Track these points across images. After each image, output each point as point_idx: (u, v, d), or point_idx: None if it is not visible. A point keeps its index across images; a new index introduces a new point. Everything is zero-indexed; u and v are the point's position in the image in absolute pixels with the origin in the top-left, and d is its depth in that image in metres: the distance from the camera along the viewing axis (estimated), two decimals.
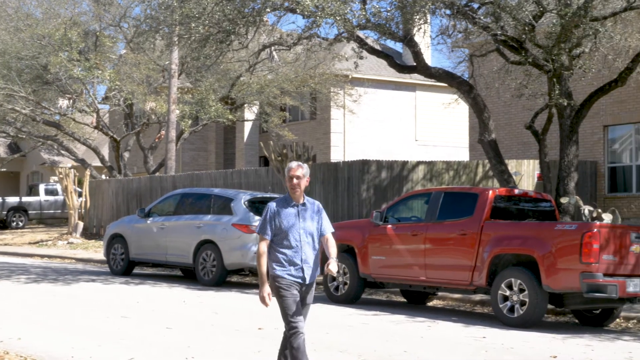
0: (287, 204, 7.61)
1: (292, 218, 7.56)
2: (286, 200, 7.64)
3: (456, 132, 38.82)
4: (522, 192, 15.18)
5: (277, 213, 7.55)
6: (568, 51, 17.40)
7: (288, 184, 7.57)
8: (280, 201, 7.65)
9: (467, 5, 17.95)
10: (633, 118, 23.67)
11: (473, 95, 19.13)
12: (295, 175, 7.56)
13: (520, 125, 23.40)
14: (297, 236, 7.56)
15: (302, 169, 7.61)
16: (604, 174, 24.30)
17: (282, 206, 7.60)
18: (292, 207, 7.58)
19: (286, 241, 7.55)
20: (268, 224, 7.56)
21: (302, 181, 7.57)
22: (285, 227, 7.53)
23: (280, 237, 7.55)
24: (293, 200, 7.61)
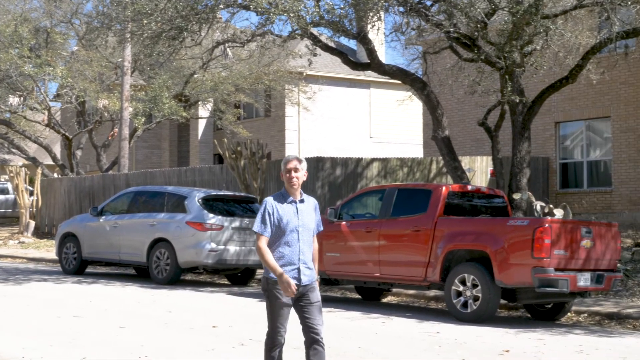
0: (285, 199, 7.09)
1: (291, 215, 7.05)
2: (283, 196, 7.12)
3: (410, 129, 38.98)
4: (475, 188, 15.27)
5: (275, 210, 7.04)
6: (520, 48, 17.55)
7: (285, 178, 7.07)
8: (277, 197, 7.14)
9: (420, 3, 18.03)
10: (584, 115, 23.97)
11: (426, 92, 19.22)
12: (293, 169, 7.06)
13: (474, 122, 23.58)
14: (295, 234, 7.05)
15: (300, 162, 7.12)
16: (555, 170, 24.58)
17: (279, 202, 7.08)
18: (290, 204, 7.08)
19: (284, 240, 7.03)
20: (267, 221, 7.02)
21: (300, 175, 7.07)
22: (283, 225, 7.02)
23: (277, 236, 7.04)
24: (290, 195, 7.10)
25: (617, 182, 23.06)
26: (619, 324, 13.44)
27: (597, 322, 13.77)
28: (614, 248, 13.42)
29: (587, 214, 22.53)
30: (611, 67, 22.07)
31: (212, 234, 18.10)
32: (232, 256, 18.31)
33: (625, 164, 22.90)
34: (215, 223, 18.21)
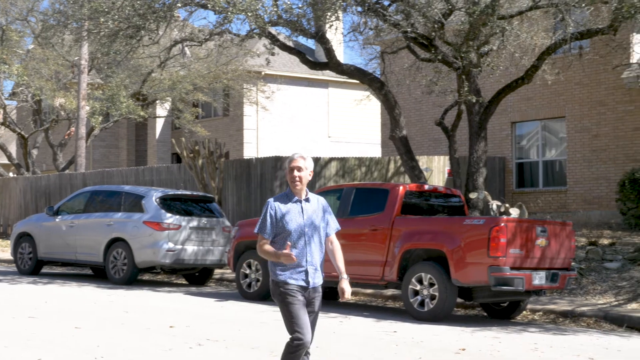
0: (289, 199, 6.77)
1: (295, 215, 6.72)
2: (287, 195, 6.80)
3: (369, 129, 39.12)
4: (432, 187, 15.37)
5: (278, 210, 6.71)
6: (476, 49, 17.71)
7: (288, 177, 6.76)
8: (280, 197, 6.82)
9: (378, 3, 18.10)
10: (539, 115, 24.23)
11: (384, 92, 19.31)
12: (297, 167, 6.72)
13: (431, 121, 23.71)
14: (301, 236, 6.71)
15: (304, 160, 6.77)
16: (512, 170, 24.81)
17: (283, 202, 6.76)
18: (295, 203, 6.75)
19: (289, 241, 6.66)
20: (268, 223, 6.71)
21: (305, 174, 6.72)
22: (287, 226, 6.69)
23: (282, 237, 6.69)
24: (295, 195, 6.77)
25: (571, 182, 23.34)
26: (573, 322, 13.61)
27: (552, 320, 13.94)
28: (569, 247, 13.59)
29: (542, 213, 22.78)
30: (566, 67, 22.34)
31: (170, 234, 18.02)
32: (190, 256, 18.24)
33: (579, 163, 23.18)
34: (173, 223, 18.14)
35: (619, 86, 22.17)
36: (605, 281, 15.65)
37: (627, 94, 22.08)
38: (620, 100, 22.34)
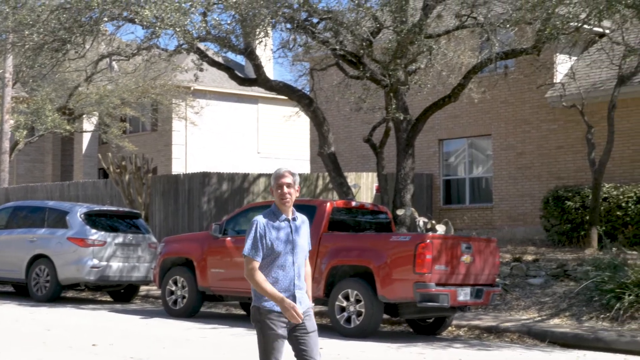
0: (276, 218, 6.22)
1: (284, 235, 6.21)
2: (274, 214, 6.25)
3: (298, 145, 39.16)
4: (359, 204, 15.42)
5: (267, 230, 6.15)
6: (404, 67, 17.88)
7: (276, 194, 6.24)
8: (268, 215, 6.25)
9: (307, 20, 18.16)
10: (466, 132, 24.54)
11: (313, 108, 19.36)
12: (285, 183, 6.23)
13: (360, 138, 23.83)
14: (290, 257, 6.22)
15: (293, 175, 6.30)
16: (439, 186, 25.06)
17: (271, 221, 6.20)
18: (283, 222, 6.22)
19: (278, 263, 6.18)
20: (259, 244, 6.13)
21: (293, 190, 6.25)
22: (277, 247, 6.16)
23: (269, 259, 6.17)
24: (282, 213, 6.24)
25: (497, 199, 23.67)
26: (497, 337, 13.76)
27: (477, 335, 14.07)
28: (493, 263, 13.76)
29: (468, 229, 23.04)
30: (492, 86, 22.70)
31: (95, 250, 17.75)
32: (115, 272, 17.99)
33: (505, 180, 23.53)
34: (98, 239, 17.87)
35: (543, 105, 22.59)
36: (529, 297, 15.88)
37: (551, 112, 22.51)
38: (544, 119, 22.76)
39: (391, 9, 16.97)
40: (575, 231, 20.05)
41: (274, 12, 16.89)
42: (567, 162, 22.23)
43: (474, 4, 17.87)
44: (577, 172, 21.84)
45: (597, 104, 20.92)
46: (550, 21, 16.58)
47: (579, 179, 21.53)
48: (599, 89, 21.13)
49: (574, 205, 20.05)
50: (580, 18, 17.10)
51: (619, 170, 20.86)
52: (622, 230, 19.21)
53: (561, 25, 16.83)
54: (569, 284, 15.93)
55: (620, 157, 20.74)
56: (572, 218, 20.11)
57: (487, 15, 17.66)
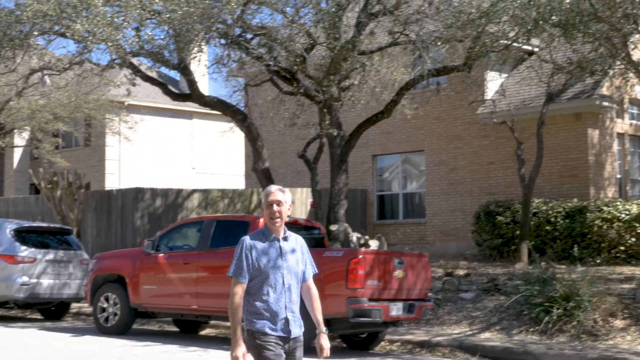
0: (266, 238, 5.98)
1: (274, 255, 5.96)
2: (263, 233, 6.01)
3: (233, 160, 39.05)
4: (293, 219, 15.42)
5: (254, 250, 5.92)
6: (337, 83, 18.01)
7: (266, 213, 5.98)
8: (257, 235, 6.02)
9: (241, 36, 18.20)
10: (399, 148, 24.77)
11: (247, 124, 19.37)
12: (275, 201, 5.96)
13: (294, 154, 23.88)
14: (280, 279, 5.94)
15: (283, 193, 6.03)
16: (373, 202, 25.23)
17: (260, 241, 5.96)
18: (273, 242, 5.97)
19: (267, 286, 5.92)
20: (244, 264, 5.91)
21: (284, 209, 5.98)
22: (265, 268, 5.91)
23: (258, 281, 5.93)
24: (272, 233, 5.99)
25: (430, 214, 23.92)
26: (430, 351, 13.89)
27: (409, 350, 14.18)
28: (425, 278, 13.89)
29: (402, 244, 23.22)
30: (424, 102, 22.97)
31: (24, 267, 17.46)
32: (46, 290, 17.71)
33: (437, 196, 23.80)
34: (28, 256, 17.59)
35: (474, 121, 22.92)
36: (461, 311, 16.07)
37: (482, 129, 22.85)
38: (476, 135, 23.10)
39: (324, 26, 17.10)
40: (506, 246, 20.36)
41: (208, 28, 16.90)
42: (498, 178, 22.58)
43: (406, 22, 18.12)
44: (507, 188, 22.20)
45: (527, 120, 21.31)
46: (480, 39, 16.89)
47: (510, 194, 21.87)
48: (529, 106, 21.53)
49: (505, 220, 20.36)
50: (509, 36, 17.44)
51: (548, 185, 21.26)
52: (551, 245, 19.56)
53: (491, 43, 17.17)
54: (499, 298, 16.16)
55: (549, 172, 21.14)
56: (503, 233, 20.42)
57: (419, 32, 17.93)
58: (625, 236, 19.24)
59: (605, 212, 19.28)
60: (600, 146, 21.35)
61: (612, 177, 21.56)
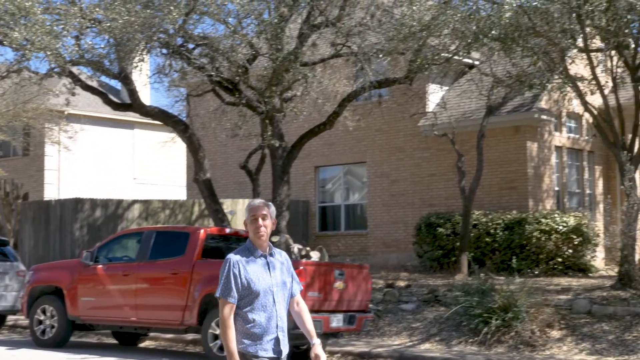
0: (251, 254, 5.72)
1: (262, 273, 5.70)
2: (249, 250, 5.75)
3: (174, 171, 38.79)
4: (234, 231, 15.40)
5: (242, 268, 5.63)
6: (280, 94, 17.99)
7: (250, 228, 5.73)
8: (242, 252, 5.74)
9: (183, 46, 18.09)
10: (342, 159, 24.84)
11: (188, 134, 19.25)
12: (260, 215, 5.71)
13: (236, 164, 23.78)
14: (270, 296, 5.70)
15: (268, 207, 5.78)
16: (315, 213, 25.25)
17: (246, 258, 5.69)
18: (260, 259, 5.72)
19: (256, 304, 5.65)
20: (233, 284, 5.61)
21: (269, 223, 5.74)
22: (254, 286, 5.64)
23: (248, 300, 5.65)
24: (258, 249, 5.74)
25: (372, 225, 24.01)
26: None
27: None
28: (365, 289, 13.93)
29: (343, 256, 23.26)
30: (367, 114, 23.07)
31: None
32: None
33: (379, 207, 23.90)
34: None
35: (416, 133, 23.09)
36: (401, 322, 16.13)
37: (424, 141, 23.02)
38: (417, 147, 23.26)
39: (267, 37, 17.09)
40: (446, 257, 20.53)
41: (149, 37, 16.78)
42: (439, 190, 22.76)
43: (349, 34, 18.21)
44: (448, 200, 22.38)
45: (468, 133, 21.52)
46: (421, 52, 17.05)
47: (450, 206, 22.06)
48: (469, 119, 21.76)
49: (446, 231, 20.53)
50: (450, 49, 17.62)
51: (488, 197, 21.49)
52: (490, 256, 19.77)
53: (432, 56, 17.34)
54: (439, 309, 16.27)
55: (489, 185, 21.37)
56: (443, 244, 20.59)
57: (361, 44, 18.02)
58: (562, 248, 19.54)
59: (543, 224, 19.56)
60: (538, 159, 21.65)
61: (550, 189, 21.88)
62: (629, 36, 16.82)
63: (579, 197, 23.20)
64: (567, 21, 16.15)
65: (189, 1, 16.28)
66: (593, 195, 23.50)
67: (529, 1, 15.41)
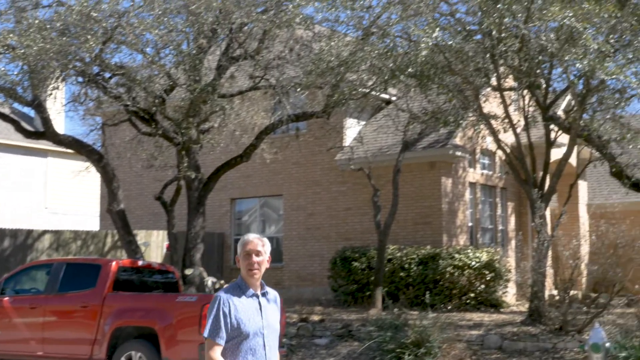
0: (243, 293, 5.41)
1: (253, 313, 5.40)
2: (240, 288, 5.45)
3: (88, 201, 38.14)
4: (146, 263, 15.17)
5: (232, 307, 5.33)
6: (197, 125, 17.89)
7: (243, 264, 5.47)
8: (232, 290, 5.43)
9: (99, 75, 17.86)
10: (258, 192, 24.77)
11: (103, 164, 18.96)
12: (254, 251, 5.47)
13: (151, 195, 23.48)
14: (260, 339, 5.37)
15: (262, 242, 5.53)
16: (230, 246, 25.08)
17: (237, 296, 5.39)
18: (251, 298, 5.43)
19: (246, 346, 5.32)
20: (222, 323, 5.29)
21: (263, 259, 5.50)
22: (244, 328, 5.32)
23: (236, 342, 5.32)
24: (250, 287, 5.45)
25: (287, 259, 23.95)
26: None
27: None
28: (282, 324, 13.81)
29: None
30: (284, 147, 23.10)
31: None
32: None
33: (295, 241, 23.87)
34: None
35: (333, 167, 23.19)
36: (314, 357, 16.05)
37: (340, 175, 23.13)
38: (334, 180, 23.35)
39: (185, 68, 16.99)
40: (361, 291, 20.57)
41: (65, 65, 16.51)
42: (354, 224, 22.85)
43: (267, 67, 18.25)
44: (364, 234, 22.48)
45: (384, 167, 21.71)
46: (339, 87, 17.18)
47: (366, 240, 22.16)
48: (385, 154, 21.95)
49: (361, 266, 20.59)
50: (367, 85, 17.80)
51: (403, 232, 21.66)
52: (404, 291, 19.88)
53: (350, 91, 17.48)
54: (353, 344, 16.25)
55: (404, 219, 21.55)
56: (358, 278, 20.64)
57: (279, 78, 18.07)
58: (475, 283, 19.78)
59: (456, 259, 19.79)
60: (453, 194, 21.94)
61: (464, 225, 22.17)
62: (540, 76, 17.25)
63: (492, 232, 23.58)
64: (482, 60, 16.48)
65: (107, 30, 16.10)
66: (505, 231, 23.92)
67: (445, 40, 15.68)
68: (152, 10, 15.87)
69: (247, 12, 16.44)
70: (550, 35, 15.12)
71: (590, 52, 13.94)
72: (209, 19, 16.42)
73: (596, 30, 14.67)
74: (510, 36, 15.39)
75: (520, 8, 14.75)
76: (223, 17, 16.71)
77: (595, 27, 14.65)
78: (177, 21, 16.99)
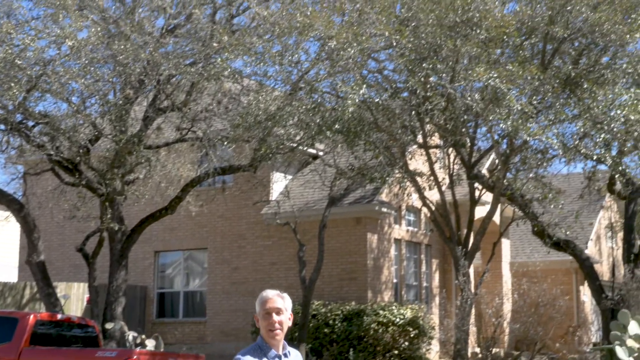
0: (264, 354, 4.93)
1: None
2: (261, 349, 4.95)
3: (8, 251, 37.21)
4: (66, 317, 14.81)
5: None
6: (122, 176, 17.68)
7: (262, 324, 4.96)
8: (253, 352, 4.93)
9: (22, 123, 17.55)
10: (183, 245, 24.49)
11: (23, 214, 18.55)
12: (275, 309, 4.95)
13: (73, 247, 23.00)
14: None
15: (283, 299, 5.01)
16: (153, 299, 24.66)
17: (258, 359, 4.91)
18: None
19: None
20: None
21: (285, 317, 4.98)
22: None
23: None
24: (272, 348, 4.96)
25: (211, 313, 23.63)
26: None
27: None
28: None
29: (180, 344, 22.72)
30: (210, 200, 22.92)
31: None
32: None
33: (219, 295, 23.59)
34: None
35: (258, 221, 23.06)
36: None
37: (266, 229, 23.01)
38: (259, 235, 23.21)
39: (111, 118, 16.83)
40: None
41: None
42: (279, 279, 22.69)
43: (194, 119, 18.17)
44: (289, 289, 22.22)
45: (310, 222, 21.68)
46: (266, 141, 17.17)
47: (291, 295, 21.66)
48: (312, 209, 21.95)
49: None
50: (295, 140, 17.84)
51: (329, 287, 21.59)
52: (328, 348, 19.76)
53: (277, 145, 17.48)
54: None
55: (329, 275, 21.50)
56: None
57: (206, 130, 17.99)
58: (399, 340, 19.77)
59: (381, 315, 19.77)
60: (378, 250, 22.00)
61: (389, 281, 22.21)
62: (465, 135, 17.54)
63: (416, 289, 23.67)
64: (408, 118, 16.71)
65: (31, 78, 15.87)
66: (430, 288, 24.03)
67: (372, 97, 15.85)
68: (79, 59, 15.73)
69: (176, 64, 16.40)
70: (475, 95, 15.41)
71: (514, 113, 14.23)
72: (136, 70, 16.33)
73: (520, 92, 14.99)
74: (436, 95, 15.64)
75: (446, 68, 15.01)
76: (151, 68, 16.63)
77: (519, 89, 14.98)
78: (104, 71, 16.87)
